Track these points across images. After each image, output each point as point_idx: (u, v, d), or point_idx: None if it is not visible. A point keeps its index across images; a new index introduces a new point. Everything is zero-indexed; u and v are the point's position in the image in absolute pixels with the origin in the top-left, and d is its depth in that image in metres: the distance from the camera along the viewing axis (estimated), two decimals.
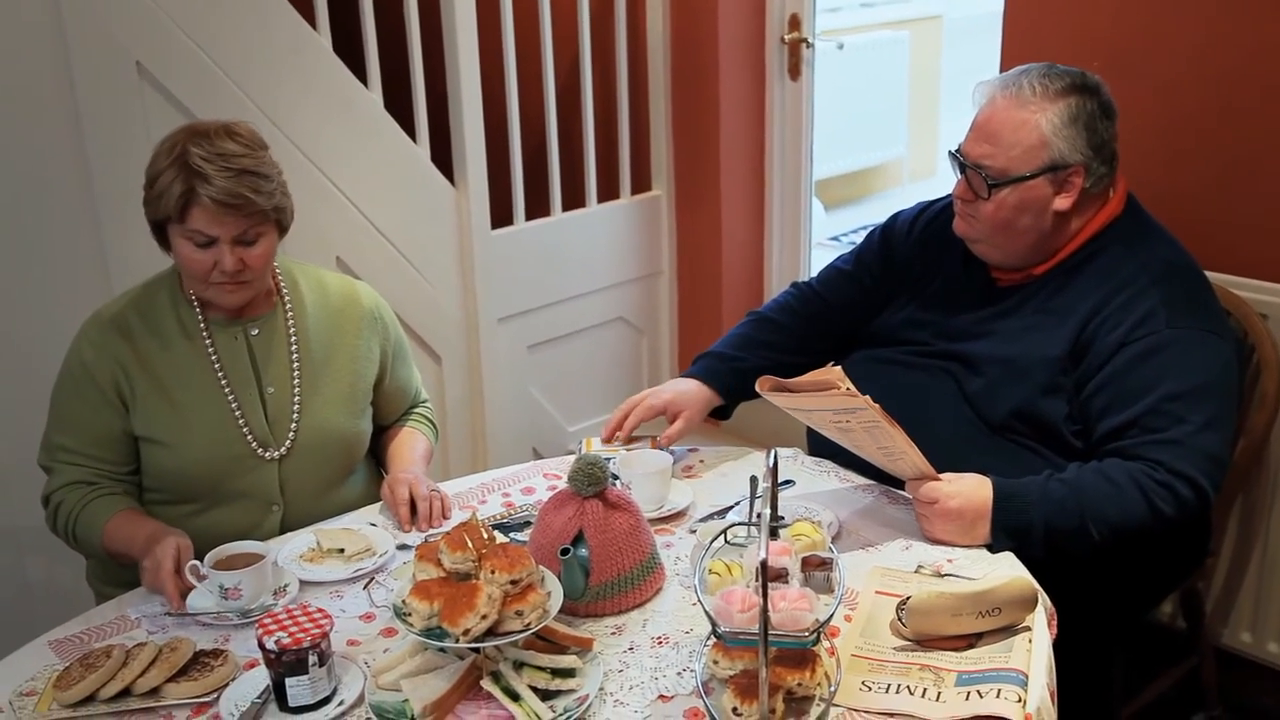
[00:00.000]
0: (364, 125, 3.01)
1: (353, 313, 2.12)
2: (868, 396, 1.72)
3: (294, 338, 2.05)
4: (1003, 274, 2.12)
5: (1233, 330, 2.16)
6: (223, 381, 1.99)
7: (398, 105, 3.10)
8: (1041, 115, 1.98)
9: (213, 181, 1.83)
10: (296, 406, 2.03)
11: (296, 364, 2.04)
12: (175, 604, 1.72)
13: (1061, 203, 2.01)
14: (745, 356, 2.27)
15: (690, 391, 2.23)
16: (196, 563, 1.74)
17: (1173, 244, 2.07)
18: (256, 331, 2.02)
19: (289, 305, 2.06)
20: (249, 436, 1.99)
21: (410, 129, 3.12)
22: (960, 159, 2.05)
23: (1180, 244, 2.07)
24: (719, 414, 2.32)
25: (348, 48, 2.99)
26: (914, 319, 2.20)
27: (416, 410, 2.30)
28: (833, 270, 2.37)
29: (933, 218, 2.26)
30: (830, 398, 1.74)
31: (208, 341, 1.99)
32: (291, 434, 2.02)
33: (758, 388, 1.82)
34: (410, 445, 2.20)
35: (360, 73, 2.99)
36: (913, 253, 2.25)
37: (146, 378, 1.95)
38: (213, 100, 2.70)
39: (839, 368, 1.74)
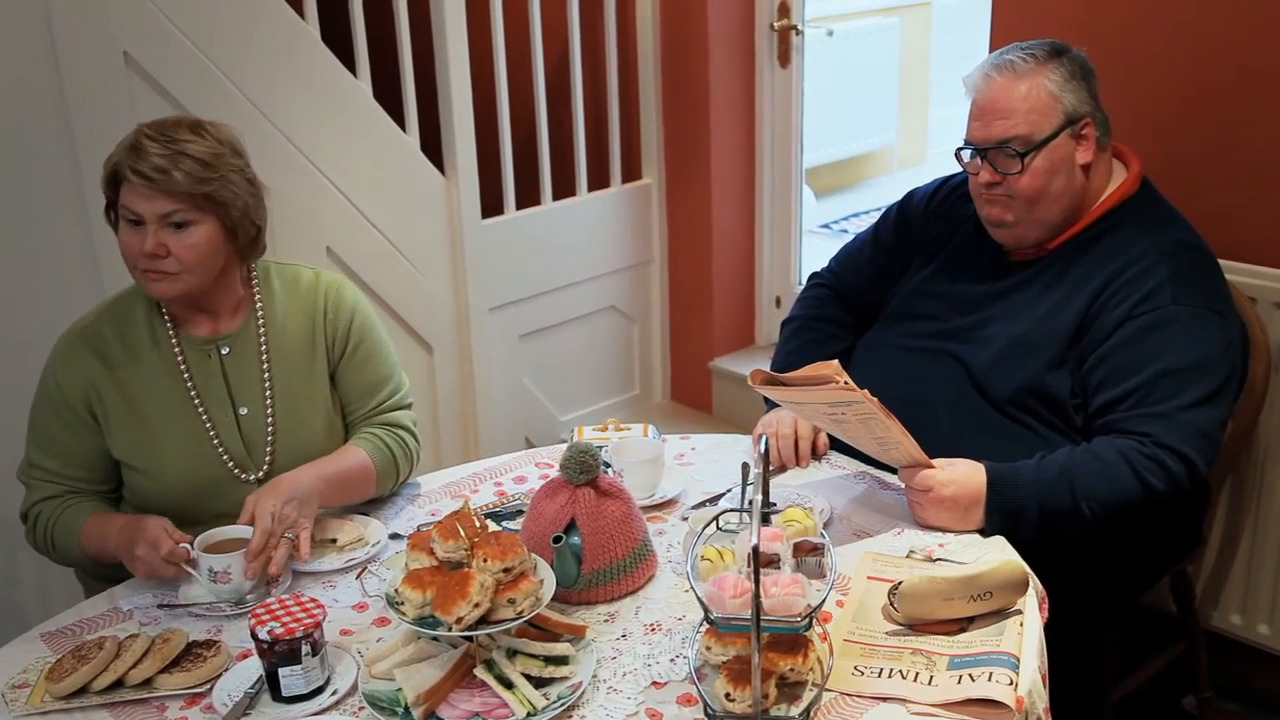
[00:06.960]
0: (353, 115, 3.00)
1: (316, 314, 2.01)
2: (865, 390, 1.72)
3: (265, 356, 1.96)
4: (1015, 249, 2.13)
5: (1238, 313, 2.16)
6: (196, 403, 1.91)
7: (387, 95, 3.09)
8: (1043, 77, 2.01)
9: (144, 157, 1.77)
10: (271, 428, 1.95)
11: (269, 384, 1.96)
12: (179, 569, 1.72)
13: (1082, 156, 2.03)
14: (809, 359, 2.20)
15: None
16: (186, 545, 1.73)
17: (1186, 226, 2.08)
18: (227, 350, 1.94)
19: (261, 320, 1.97)
20: (226, 459, 1.93)
21: (400, 118, 3.11)
22: (976, 147, 2.06)
23: (1193, 227, 2.08)
24: None
25: (336, 37, 2.98)
26: (926, 290, 2.21)
27: (380, 418, 2.06)
28: (849, 253, 2.38)
29: (949, 192, 2.28)
30: (827, 391, 1.74)
31: (180, 359, 1.91)
32: (269, 456, 1.95)
33: (750, 381, 1.82)
34: (326, 457, 1.95)
35: (349, 62, 2.98)
36: (928, 226, 2.27)
37: (119, 398, 1.89)
38: (201, 90, 2.69)
39: (835, 362, 1.75)
